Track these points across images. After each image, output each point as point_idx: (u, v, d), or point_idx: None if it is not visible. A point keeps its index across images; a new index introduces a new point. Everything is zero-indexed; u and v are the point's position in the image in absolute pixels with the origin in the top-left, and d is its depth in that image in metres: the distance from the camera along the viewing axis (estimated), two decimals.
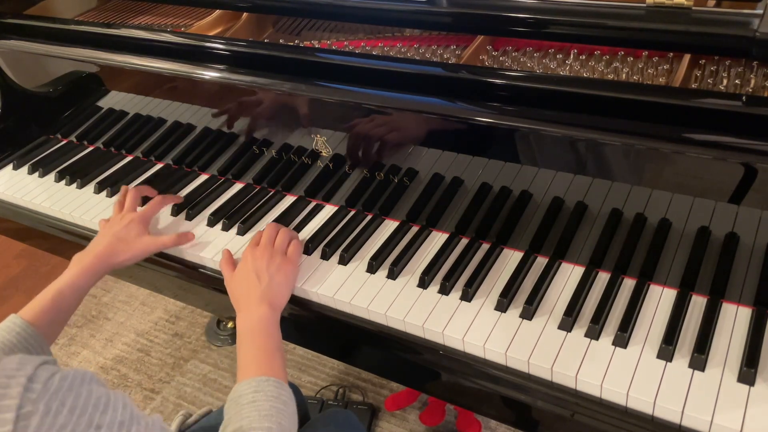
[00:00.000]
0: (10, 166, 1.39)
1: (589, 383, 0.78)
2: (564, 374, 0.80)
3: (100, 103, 1.31)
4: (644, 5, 0.88)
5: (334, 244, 1.04)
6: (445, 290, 0.93)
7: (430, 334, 0.89)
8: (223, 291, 0.98)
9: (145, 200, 1.18)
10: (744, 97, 0.75)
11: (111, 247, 1.02)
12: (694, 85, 0.87)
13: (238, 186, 1.22)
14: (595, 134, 0.81)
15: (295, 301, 0.99)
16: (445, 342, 0.88)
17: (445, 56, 1.04)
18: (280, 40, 1.19)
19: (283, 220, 1.11)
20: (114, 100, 1.28)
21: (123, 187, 1.19)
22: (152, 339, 1.96)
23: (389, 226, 1.07)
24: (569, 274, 0.93)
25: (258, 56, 1.07)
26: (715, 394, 0.74)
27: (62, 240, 1.26)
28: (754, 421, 0.71)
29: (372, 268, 0.99)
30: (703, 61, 0.89)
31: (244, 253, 0.99)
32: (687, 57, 0.89)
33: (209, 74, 1.09)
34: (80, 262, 0.99)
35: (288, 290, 0.95)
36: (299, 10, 1.19)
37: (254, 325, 0.87)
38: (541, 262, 0.96)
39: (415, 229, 1.05)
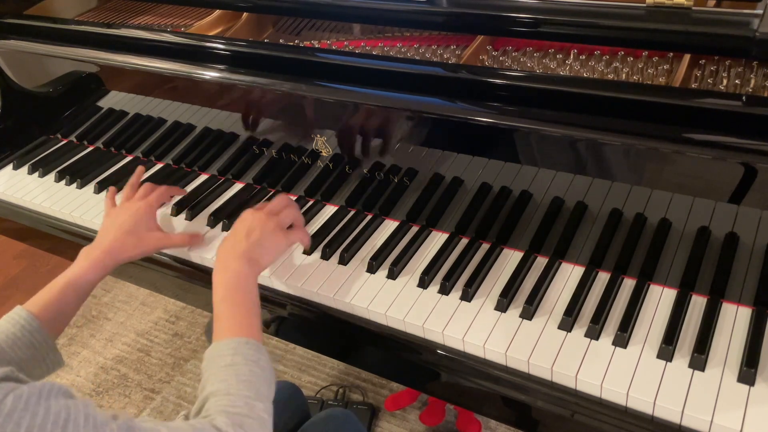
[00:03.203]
0: (10, 166, 1.39)
1: (589, 383, 0.78)
2: (564, 374, 0.80)
3: (100, 103, 1.31)
4: (644, 5, 0.88)
5: (334, 244, 1.04)
6: (445, 290, 0.93)
7: (430, 334, 0.89)
8: None
9: None
10: (744, 97, 0.75)
11: (120, 242, 0.99)
12: (694, 85, 0.87)
13: (238, 186, 1.22)
14: (595, 134, 0.81)
15: (295, 300, 0.99)
16: (445, 342, 0.88)
17: (445, 56, 1.04)
18: (280, 40, 1.19)
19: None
20: (114, 100, 1.28)
21: (140, 168, 1.17)
22: (152, 339, 1.96)
23: (389, 226, 1.07)
24: (569, 274, 0.93)
25: (258, 56, 1.07)
26: (715, 394, 0.74)
27: (62, 240, 1.26)
28: (754, 421, 0.71)
29: (372, 268, 0.99)
30: (703, 61, 0.89)
31: (244, 212, 0.97)
32: (687, 57, 0.89)
33: (209, 74, 1.09)
34: (89, 257, 0.97)
35: (273, 257, 0.93)
36: (299, 10, 1.19)
37: (232, 280, 0.85)
38: (541, 262, 0.96)
39: (415, 229, 1.05)
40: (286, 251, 0.97)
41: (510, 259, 0.97)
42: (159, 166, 1.32)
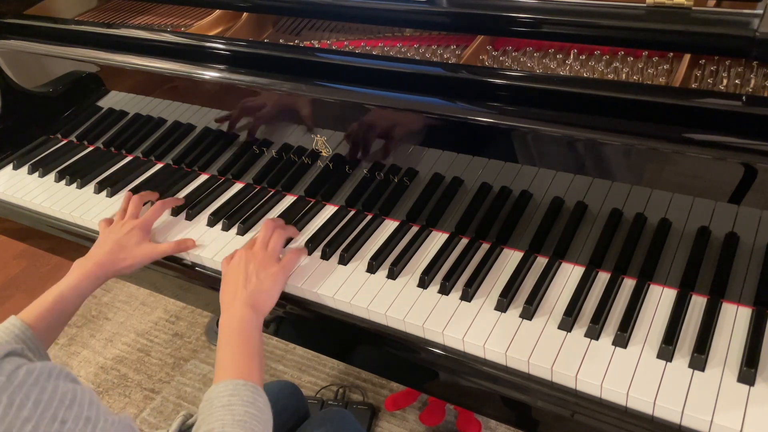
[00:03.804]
0: (10, 166, 1.39)
1: (589, 383, 0.78)
2: (564, 374, 0.80)
3: (100, 103, 1.31)
4: (644, 5, 0.88)
5: (334, 244, 1.04)
6: (445, 290, 0.93)
7: (430, 334, 0.89)
8: None
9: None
10: (744, 97, 0.75)
11: (112, 255, 1.03)
12: (694, 85, 0.87)
13: (238, 186, 1.22)
14: (595, 134, 0.81)
15: (294, 301, 0.99)
16: (445, 342, 0.88)
17: (445, 56, 1.04)
18: (280, 40, 1.19)
19: (283, 220, 1.11)
20: (114, 100, 1.28)
21: (127, 194, 1.19)
22: (152, 339, 1.96)
23: (389, 226, 1.07)
24: (569, 274, 0.93)
25: (258, 56, 1.07)
26: (715, 394, 0.74)
27: (62, 240, 1.26)
28: (754, 421, 0.71)
29: (372, 268, 0.99)
30: (703, 61, 0.89)
31: (239, 252, 0.99)
32: (687, 57, 0.89)
33: (209, 74, 1.09)
34: (81, 268, 1.00)
35: (274, 296, 0.95)
36: (299, 10, 1.19)
37: (236, 326, 0.87)
38: (541, 262, 0.96)
39: (415, 229, 1.05)
40: (287, 281, 0.98)
41: (510, 259, 0.97)
42: (159, 166, 1.32)
